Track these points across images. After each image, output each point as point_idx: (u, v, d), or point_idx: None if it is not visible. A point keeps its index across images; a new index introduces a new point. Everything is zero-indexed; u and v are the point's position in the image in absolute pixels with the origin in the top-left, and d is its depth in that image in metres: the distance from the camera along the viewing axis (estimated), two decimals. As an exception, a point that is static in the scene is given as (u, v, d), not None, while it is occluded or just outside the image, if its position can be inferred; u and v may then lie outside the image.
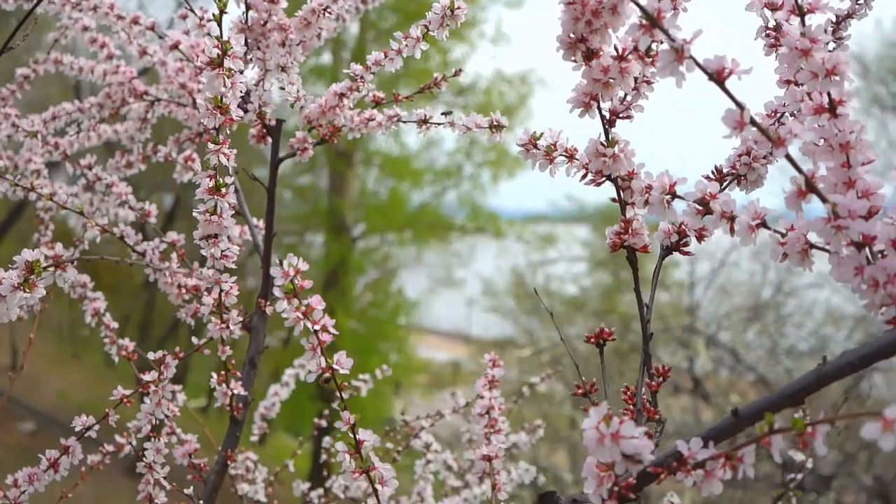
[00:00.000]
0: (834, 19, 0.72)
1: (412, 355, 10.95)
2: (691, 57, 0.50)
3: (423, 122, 0.95)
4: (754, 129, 0.50)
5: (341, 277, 10.68)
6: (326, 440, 1.34)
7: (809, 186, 0.51)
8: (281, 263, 0.61)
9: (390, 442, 1.32)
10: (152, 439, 0.92)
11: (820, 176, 0.56)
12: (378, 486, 0.64)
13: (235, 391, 0.96)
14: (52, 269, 0.66)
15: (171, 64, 1.13)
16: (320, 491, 1.40)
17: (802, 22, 0.54)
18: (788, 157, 0.50)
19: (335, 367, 0.63)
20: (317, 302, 0.62)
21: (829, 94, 0.53)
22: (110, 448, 1.06)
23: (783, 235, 0.55)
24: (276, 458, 1.80)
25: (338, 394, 0.64)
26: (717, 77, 0.50)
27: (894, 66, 8.81)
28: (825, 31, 0.70)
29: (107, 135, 1.34)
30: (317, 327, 0.62)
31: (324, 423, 1.45)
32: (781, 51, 0.54)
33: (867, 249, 0.51)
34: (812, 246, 0.55)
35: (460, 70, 1.01)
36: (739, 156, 0.68)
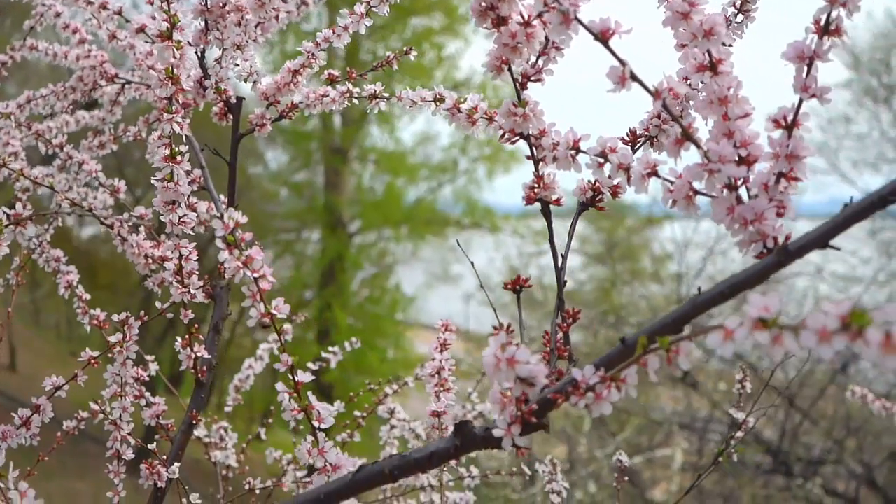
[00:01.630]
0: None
1: (409, 351, 10.99)
2: (577, 19, 0.56)
3: (374, 96, 1.00)
4: (635, 83, 0.55)
5: (338, 273, 10.73)
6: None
7: (686, 135, 0.57)
8: (222, 217, 0.66)
9: (357, 409, 1.37)
10: (119, 398, 0.97)
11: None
12: (316, 423, 0.70)
13: (199, 354, 1.02)
14: (12, 226, 0.71)
15: (139, 47, 1.18)
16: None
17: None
18: (665, 107, 0.56)
19: (273, 311, 0.68)
20: (256, 252, 0.68)
21: (709, 53, 0.59)
22: (83, 416, 1.12)
23: (672, 184, 0.61)
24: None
25: (277, 336, 0.69)
26: (602, 37, 0.56)
27: (885, 57, 8.85)
28: (733, 3, 0.75)
29: (84, 120, 1.39)
30: (256, 275, 0.67)
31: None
32: (666, 14, 0.59)
33: (738, 191, 0.56)
34: (696, 192, 0.60)
35: (411, 49, 1.06)
36: (651, 118, 0.74)
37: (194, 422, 1.03)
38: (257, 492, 1.32)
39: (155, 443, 0.99)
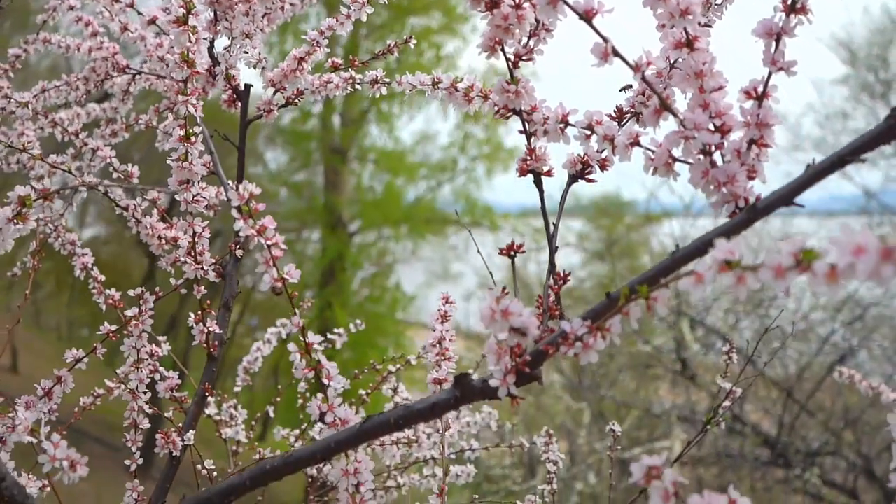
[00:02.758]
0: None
1: (410, 350, 11.03)
2: (563, 0, 0.61)
3: (375, 82, 1.05)
4: (617, 58, 0.61)
5: (338, 273, 10.78)
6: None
7: (664, 106, 0.62)
8: (237, 188, 0.71)
9: (362, 388, 1.43)
10: (135, 370, 1.03)
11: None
12: (326, 382, 0.75)
13: (211, 329, 1.07)
14: (40, 200, 0.77)
15: (150, 39, 1.23)
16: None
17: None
18: (643, 80, 0.61)
19: (286, 276, 0.73)
20: (269, 222, 0.73)
21: (685, 31, 0.64)
22: (99, 392, 1.17)
23: (653, 152, 0.66)
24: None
25: (289, 300, 0.74)
26: (586, 16, 0.61)
27: (882, 53, 8.90)
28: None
29: (95, 112, 1.44)
30: (269, 243, 0.73)
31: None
32: (646, -3, 0.64)
33: (713, 157, 0.62)
34: (674, 159, 0.65)
35: (410, 37, 1.11)
36: (636, 95, 0.79)
37: (207, 394, 1.08)
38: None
39: (171, 411, 1.04)
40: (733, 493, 0.52)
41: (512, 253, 0.77)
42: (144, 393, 1.01)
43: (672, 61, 0.67)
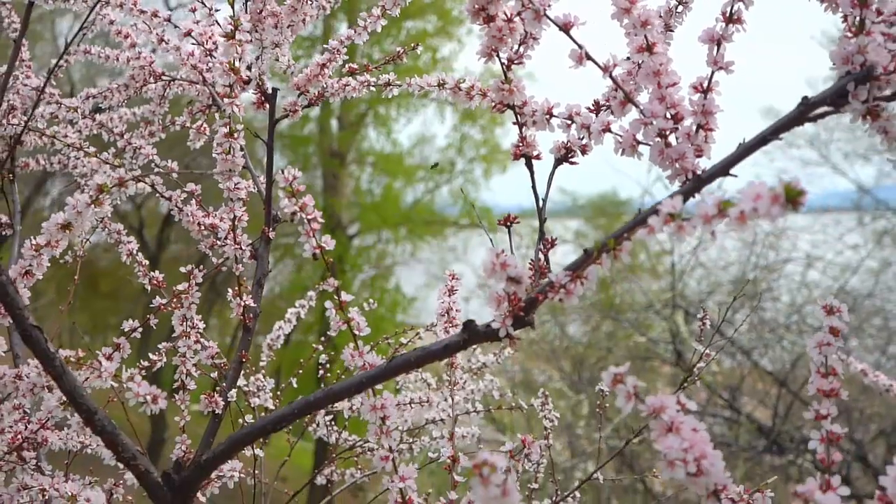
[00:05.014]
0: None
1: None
2: (546, 15, 0.76)
3: (387, 84, 1.21)
4: (590, 61, 0.76)
5: (338, 276, 10.91)
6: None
7: (628, 99, 0.78)
8: (283, 171, 0.87)
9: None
10: (185, 337, 1.18)
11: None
12: (356, 332, 0.91)
13: (247, 303, 1.22)
14: (116, 186, 0.92)
15: (184, 48, 1.39)
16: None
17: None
18: (611, 78, 0.76)
19: (323, 244, 0.89)
20: (309, 200, 0.89)
21: (646, 38, 0.79)
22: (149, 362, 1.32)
23: (621, 137, 0.82)
24: (278, 457, 1.87)
25: (325, 265, 0.90)
26: (565, 28, 0.77)
27: (872, 50, 9.04)
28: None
29: (126, 116, 1.60)
30: (310, 217, 0.88)
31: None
32: (613, 10, 0.80)
33: (668, 139, 0.77)
34: (638, 142, 0.81)
35: (417, 44, 1.27)
36: (609, 91, 0.94)
37: (243, 359, 1.24)
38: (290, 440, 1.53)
39: (217, 371, 1.20)
40: (682, 398, 0.67)
41: (509, 224, 0.92)
42: (194, 354, 1.16)
43: (637, 62, 0.82)
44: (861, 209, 8.56)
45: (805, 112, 0.71)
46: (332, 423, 1.68)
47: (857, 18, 0.70)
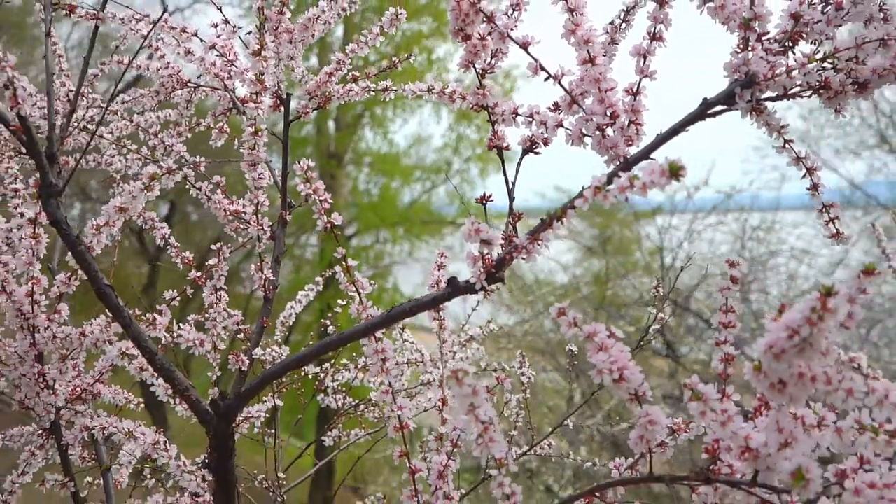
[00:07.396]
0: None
1: (411, 351, 11.26)
2: (509, 36, 0.98)
3: (386, 89, 1.43)
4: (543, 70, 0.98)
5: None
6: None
7: (573, 101, 0.99)
8: (299, 161, 1.08)
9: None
10: (214, 306, 1.39)
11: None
12: (360, 291, 1.12)
13: (268, 276, 1.44)
14: (164, 175, 1.13)
15: (207, 59, 1.60)
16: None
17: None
18: (561, 85, 0.98)
19: (332, 220, 1.10)
20: (320, 185, 1.10)
21: (588, 52, 1.01)
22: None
23: (570, 131, 1.03)
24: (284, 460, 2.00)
25: (336, 240, 1.11)
26: (523, 46, 0.98)
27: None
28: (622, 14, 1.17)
29: (150, 121, 1.81)
30: (321, 198, 1.10)
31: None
32: (562, 31, 1.01)
33: (605, 132, 0.99)
34: (583, 134, 1.02)
35: (410, 54, 1.49)
36: (563, 95, 1.16)
37: (264, 325, 1.45)
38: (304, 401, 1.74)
39: (241, 334, 1.41)
40: (613, 329, 0.88)
41: (484, 202, 1.14)
42: (224, 317, 1.38)
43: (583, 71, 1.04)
44: (852, 204, 8.76)
45: (705, 109, 0.93)
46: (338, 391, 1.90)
47: (743, 38, 0.91)
